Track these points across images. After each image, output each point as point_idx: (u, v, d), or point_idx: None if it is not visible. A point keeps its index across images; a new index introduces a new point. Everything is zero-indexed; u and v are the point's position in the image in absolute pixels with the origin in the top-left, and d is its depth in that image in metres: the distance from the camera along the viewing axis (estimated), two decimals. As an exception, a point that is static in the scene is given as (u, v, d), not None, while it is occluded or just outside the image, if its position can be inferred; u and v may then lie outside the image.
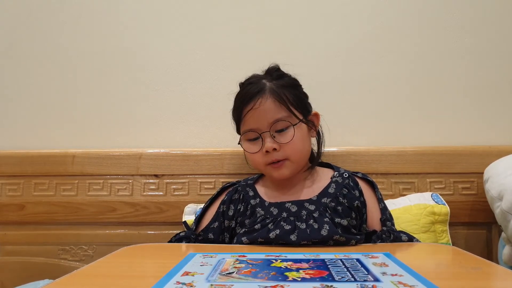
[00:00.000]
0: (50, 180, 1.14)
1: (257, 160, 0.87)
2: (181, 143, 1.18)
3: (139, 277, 0.62)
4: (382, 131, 1.16)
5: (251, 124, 0.86)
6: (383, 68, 1.16)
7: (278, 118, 0.85)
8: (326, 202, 0.84)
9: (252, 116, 0.85)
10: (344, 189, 0.87)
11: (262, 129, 0.85)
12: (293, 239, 0.78)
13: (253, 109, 0.85)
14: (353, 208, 0.85)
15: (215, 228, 0.89)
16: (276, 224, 0.81)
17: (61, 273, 0.61)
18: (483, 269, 0.62)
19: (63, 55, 1.21)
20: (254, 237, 0.80)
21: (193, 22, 1.19)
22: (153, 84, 1.20)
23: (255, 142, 0.87)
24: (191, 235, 0.89)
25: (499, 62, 1.15)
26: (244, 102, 0.87)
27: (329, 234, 0.77)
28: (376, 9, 1.17)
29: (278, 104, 0.85)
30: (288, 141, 0.84)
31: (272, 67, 0.93)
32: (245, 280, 0.53)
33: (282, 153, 0.85)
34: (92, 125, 1.20)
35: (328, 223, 0.79)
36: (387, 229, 0.85)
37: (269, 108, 0.85)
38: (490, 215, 1.01)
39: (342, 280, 0.52)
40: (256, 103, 0.85)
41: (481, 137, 1.14)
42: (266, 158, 0.86)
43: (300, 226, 0.80)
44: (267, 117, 0.85)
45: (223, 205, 0.92)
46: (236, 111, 0.89)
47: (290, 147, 0.85)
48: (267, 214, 0.84)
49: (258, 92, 0.86)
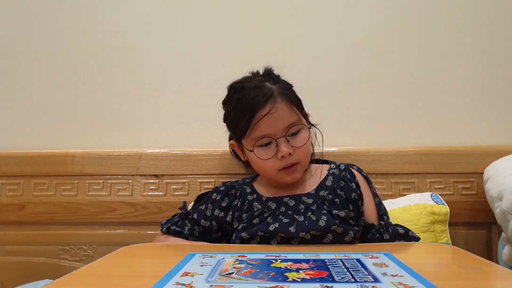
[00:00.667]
0: (50, 180, 1.14)
1: (270, 166, 0.85)
2: (181, 143, 1.18)
3: (139, 277, 0.62)
4: (382, 131, 1.16)
5: (265, 130, 0.82)
6: (383, 68, 1.16)
7: (293, 122, 0.84)
8: (323, 195, 0.85)
9: (266, 121, 0.81)
10: (341, 181, 0.88)
11: (277, 134, 0.83)
12: (292, 231, 0.79)
13: (269, 114, 0.81)
14: (350, 200, 0.86)
15: (202, 210, 0.90)
16: (274, 218, 0.82)
17: (61, 273, 0.61)
18: (483, 269, 0.62)
19: (63, 55, 1.21)
20: (253, 231, 0.81)
21: (193, 22, 1.19)
22: (153, 84, 1.20)
23: (267, 148, 0.84)
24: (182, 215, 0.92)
25: (499, 62, 1.15)
26: (256, 107, 0.82)
27: (327, 225, 0.78)
28: (376, 9, 1.17)
29: (290, 108, 0.84)
30: (302, 145, 0.84)
31: (269, 69, 0.91)
32: (245, 281, 0.53)
33: (295, 157, 0.84)
34: (92, 125, 1.20)
35: (325, 215, 0.80)
36: (384, 223, 0.87)
37: (284, 113, 0.83)
38: (490, 215, 1.01)
39: (342, 281, 0.52)
40: (272, 107, 0.81)
41: (481, 137, 1.14)
42: (280, 163, 0.84)
43: (298, 219, 0.81)
44: (283, 121, 0.83)
45: (216, 193, 0.92)
46: (243, 117, 0.83)
47: (303, 151, 0.85)
48: (265, 208, 0.85)
49: (270, 97, 0.82)
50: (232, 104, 0.87)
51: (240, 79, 0.90)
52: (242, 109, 0.84)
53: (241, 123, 0.84)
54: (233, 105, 0.87)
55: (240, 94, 0.85)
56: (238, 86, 0.87)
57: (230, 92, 0.90)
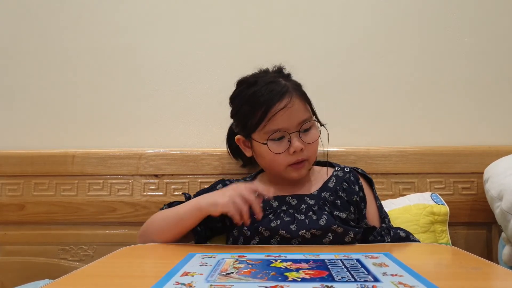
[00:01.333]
0: (50, 180, 1.14)
1: (280, 161, 0.85)
2: (181, 143, 1.18)
3: (139, 277, 0.62)
4: (382, 131, 1.16)
5: (281, 124, 0.83)
6: (383, 68, 1.16)
7: (306, 118, 0.85)
8: (325, 196, 0.85)
9: (282, 115, 0.82)
10: (344, 183, 0.88)
11: (291, 129, 0.84)
12: (293, 229, 0.79)
13: (286, 108, 0.82)
14: (352, 202, 0.86)
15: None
16: (276, 215, 0.83)
17: (61, 273, 0.61)
18: (483, 269, 0.62)
19: (63, 55, 1.21)
20: (255, 227, 0.81)
21: (193, 22, 1.19)
22: (153, 84, 1.20)
23: (280, 142, 0.84)
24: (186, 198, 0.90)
25: (499, 62, 1.15)
26: (274, 100, 0.82)
27: (327, 224, 0.79)
28: (376, 9, 1.17)
29: (304, 104, 0.86)
30: (312, 141, 0.85)
31: (280, 67, 0.93)
32: (245, 281, 0.53)
33: (306, 153, 0.85)
34: (92, 125, 1.20)
35: (326, 215, 0.81)
36: (386, 226, 0.87)
37: (299, 108, 0.84)
38: (490, 215, 1.01)
39: (342, 281, 0.52)
40: (289, 102, 0.82)
41: (481, 137, 1.14)
42: (291, 158, 0.85)
43: (299, 217, 0.81)
44: (298, 116, 0.84)
45: (221, 185, 0.92)
46: (258, 109, 0.83)
47: (313, 148, 0.86)
48: (267, 206, 0.85)
49: (286, 92, 0.84)
50: (245, 98, 0.87)
51: (250, 74, 0.91)
52: (258, 103, 0.83)
53: (255, 116, 0.84)
54: (245, 99, 0.87)
55: (254, 88, 0.85)
56: (252, 80, 0.88)
57: (241, 87, 0.90)
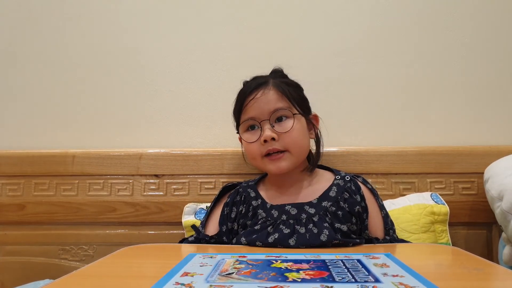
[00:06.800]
0: (50, 180, 1.14)
1: (254, 151, 0.86)
2: (181, 143, 1.17)
3: (139, 277, 0.62)
4: (382, 131, 1.15)
5: (251, 113, 0.86)
6: (383, 68, 1.16)
7: (279, 108, 0.85)
8: (326, 206, 0.83)
9: (252, 105, 0.86)
10: (345, 193, 0.86)
11: (261, 118, 0.85)
12: (291, 244, 0.77)
13: (255, 99, 0.86)
14: (354, 213, 0.83)
15: (225, 231, 0.88)
16: (275, 227, 0.81)
17: (61, 273, 0.61)
18: (484, 270, 0.62)
19: (63, 55, 1.21)
20: (252, 240, 0.80)
21: (193, 22, 1.19)
22: (153, 84, 1.20)
23: (253, 132, 0.87)
24: (205, 238, 0.87)
25: (499, 62, 1.15)
26: (246, 93, 0.87)
27: (328, 240, 0.77)
28: (376, 9, 1.17)
29: (280, 95, 0.86)
30: (287, 131, 0.84)
31: (277, 69, 0.94)
32: (245, 281, 0.53)
33: (281, 144, 0.84)
34: (92, 125, 1.20)
35: (327, 228, 0.78)
36: (389, 238, 0.85)
37: (271, 98, 0.86)
38: (490, 215, 1.01)
39: (343, 281, 0.52)
40: (258, 93, 0.86)
41: (481, 137, 1.14)
42: (263, 148, 0.84)
43: (300, 230, 0.79)
44: (268, 106, 0.85)
45: (226, 207, 0.91)
46: (238, 103, 0.90)
47: (290, 137, 0.84)
48: (268, 216, 0.84)
49: (261, 84, 0.87)
50: (237, 95, 0.91)
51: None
52: (238, 97, 0.90)
53: (237, 110, 0.90)
54: (237, 96, 0.91)
55: (243, 87, 0.91)
56: (245, 81, 0.92)
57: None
